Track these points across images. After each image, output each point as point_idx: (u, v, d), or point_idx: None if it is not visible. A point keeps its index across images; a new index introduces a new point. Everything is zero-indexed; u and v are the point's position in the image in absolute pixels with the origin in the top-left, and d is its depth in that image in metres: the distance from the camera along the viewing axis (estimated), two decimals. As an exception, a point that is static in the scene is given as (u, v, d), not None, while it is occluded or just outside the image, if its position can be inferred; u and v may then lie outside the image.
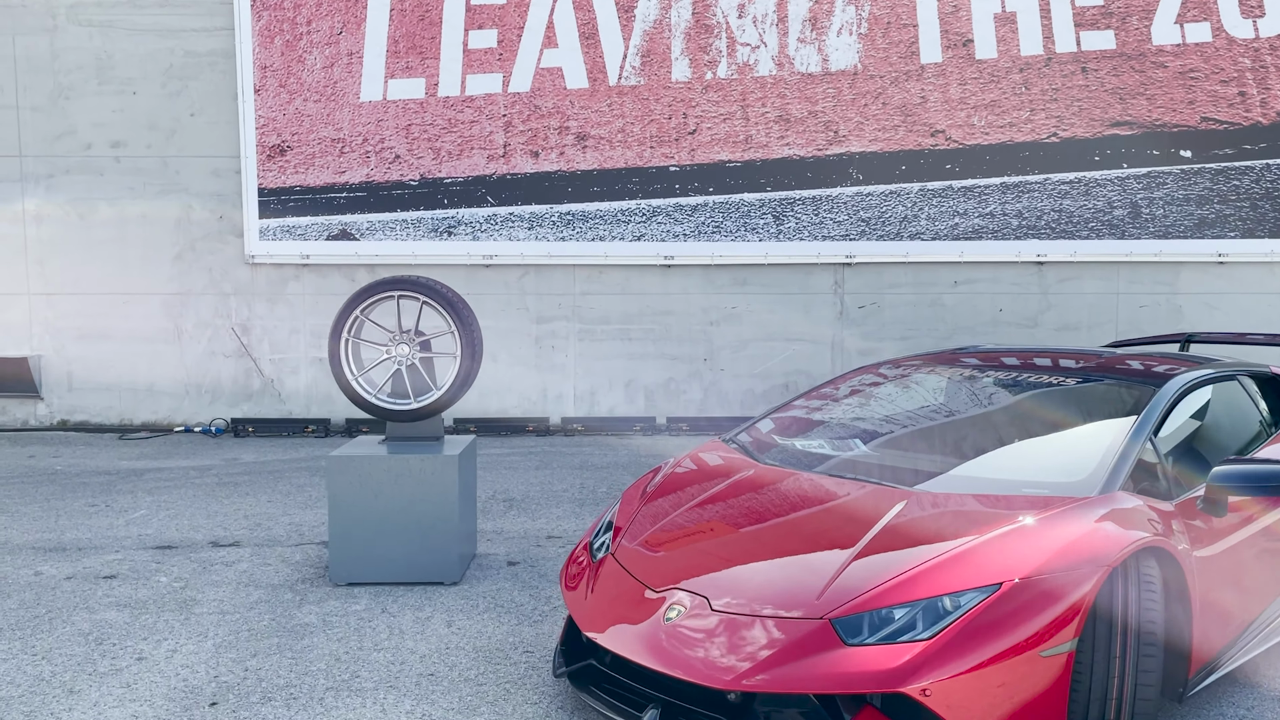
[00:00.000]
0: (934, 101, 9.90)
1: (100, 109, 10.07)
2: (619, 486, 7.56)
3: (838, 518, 3.48)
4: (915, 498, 3.45)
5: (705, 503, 3.81)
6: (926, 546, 3.16)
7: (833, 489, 3.68)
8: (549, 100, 10.01)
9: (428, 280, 5.41)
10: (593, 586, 3.66)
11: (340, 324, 5.35)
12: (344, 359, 5.37)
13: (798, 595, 3.11)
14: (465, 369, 5.36)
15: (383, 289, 5.35)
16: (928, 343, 10.18)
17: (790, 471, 3.90)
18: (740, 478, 3.92)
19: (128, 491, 7.51)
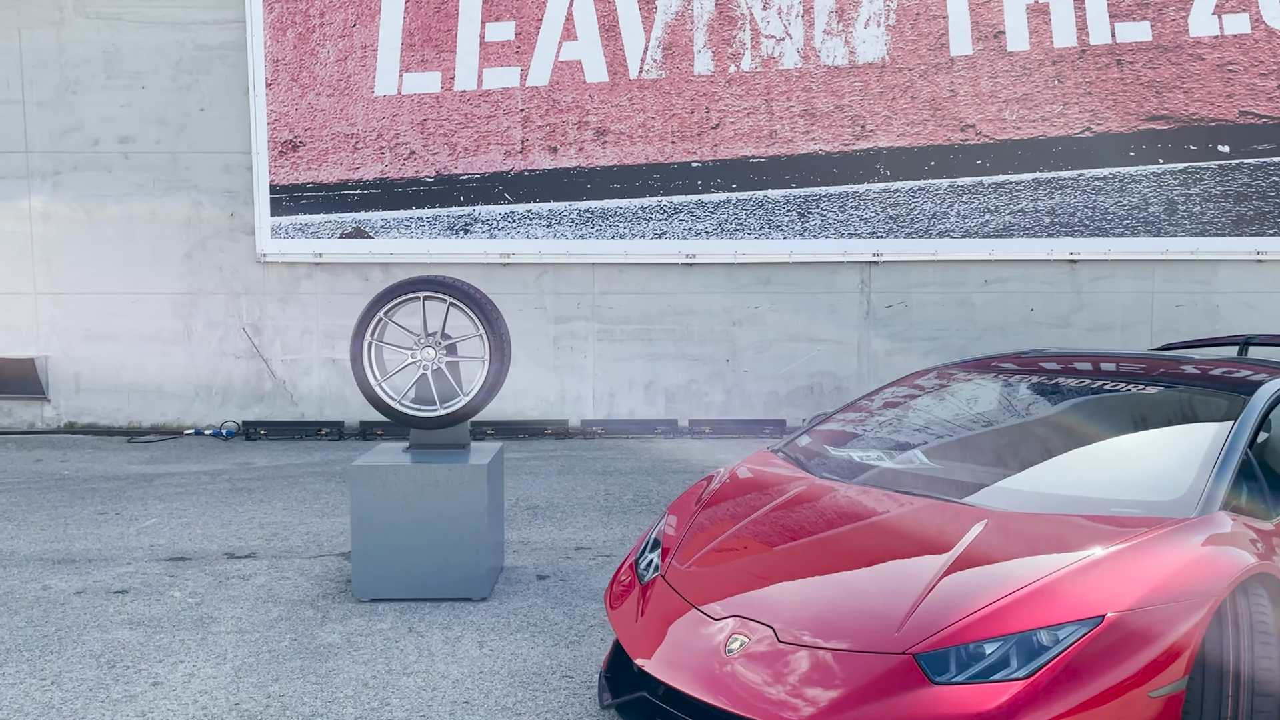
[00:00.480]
0: (964, 95, 9.63)
1: (108, 104, 9.83)
2: (645, 493, 7.30)
3: (911, 539, 3.22)
4: (995, 517, 3.19)
5: (761, 520, 3.55)
6: (1014, 573, 2.90)
7: (901, 506, 3.42)
8: (568, 94, 9.74)
9: (454, 280, 5.16)
10: (642, 610, 3.41)
11: (363, 326, 5.10)
12: (367, 362, 5.11)
13: (875, 626, 2.85)
14: (494, 374, 5.11)
15: (408, 289, 5.09)
16: (957, 343, 9.91)
17: (852, 486, 3.64)
18: (797, 492, 3.66)
19: (138, 498, 7.26)
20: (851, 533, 3.35)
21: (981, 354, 9.84)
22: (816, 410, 9.91)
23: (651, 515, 6.64)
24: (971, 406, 4.23)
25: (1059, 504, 3.26)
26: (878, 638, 2.81)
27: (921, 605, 2.87)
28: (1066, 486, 3.41)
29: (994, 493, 3.37)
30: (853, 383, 9.96)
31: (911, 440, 4.11)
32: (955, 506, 3.31)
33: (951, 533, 3.15)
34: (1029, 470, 3.54)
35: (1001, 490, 3.40)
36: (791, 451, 4.22)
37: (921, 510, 3.36)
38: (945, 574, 2.97)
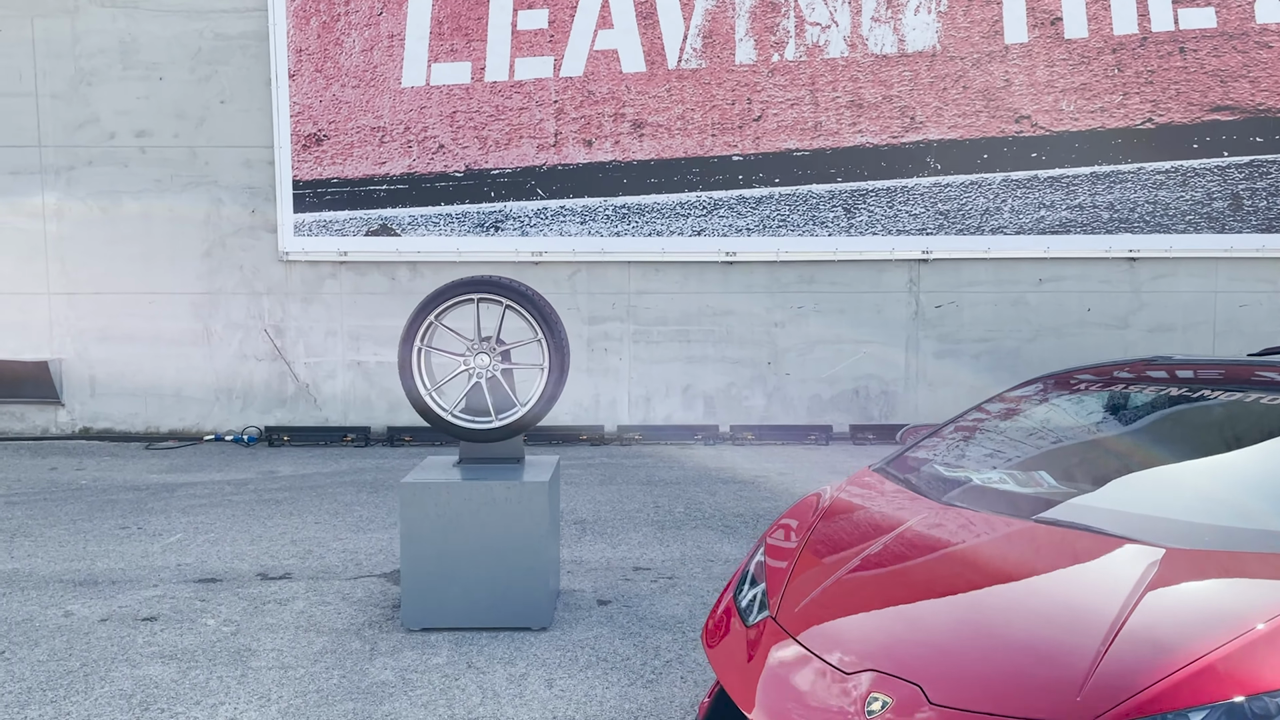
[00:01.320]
0: (1019, 85, 9.19)
1: (124, 96, 9.43)
2: (696, 506, 6.89)
3: (1071, 581, 2.80)
4: (1170, 555, 2.76)
5: (884, 554, 3.13)
6: (1209, 624, 2.48)
7: (1049, 540, 3.00)
8: (603, 85, 9.33)
9: (510, 280, 4.75)
10: (750, 654, 2.99)
11: (412, 330, 4.69)
12: (417, 370, 4.71)
13: (1047, 690, 2.43)
14: (553, 382, 4.70)
15: (461, 290, 4.68)
16: (1009, 345, 9.49)
17: (982, 515, 3.22)
18: (920, 521, 3.24)
19: (160, 511, 6.87)
20: (995, 570, 2.93)
21: (1036, 357, 9.46)
22: (862, 415, 9.50)
23: (707, 531, 6.23)
24: (1098, 421, 3.80)
25: (1247, 540, 2.83)
26: (1053, 706, 2.39)
27: (1102, 664, 2.44)
28: (1246, 517, 2.99)
29: (1158, 525, 2.95)
30: (900, 386, 9.54)
31: (1034, 460, 3.68)
32: (1116, 541, 2.89)
33: (1120, 574, 2.73)
34: (1194, 499, 3.13)
35: (1167, 522, 2.97)
36: (898, 472, 3.79)
37: (1075, 545, 2.94)
38: (1123, 624, 2.54)
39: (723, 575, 5.31)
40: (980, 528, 3.18)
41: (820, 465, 8.27)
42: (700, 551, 5.76)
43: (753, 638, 3.05)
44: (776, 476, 7.81)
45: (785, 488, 7.39)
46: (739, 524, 6.36)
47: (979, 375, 9.51)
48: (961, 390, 9.49)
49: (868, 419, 9.54)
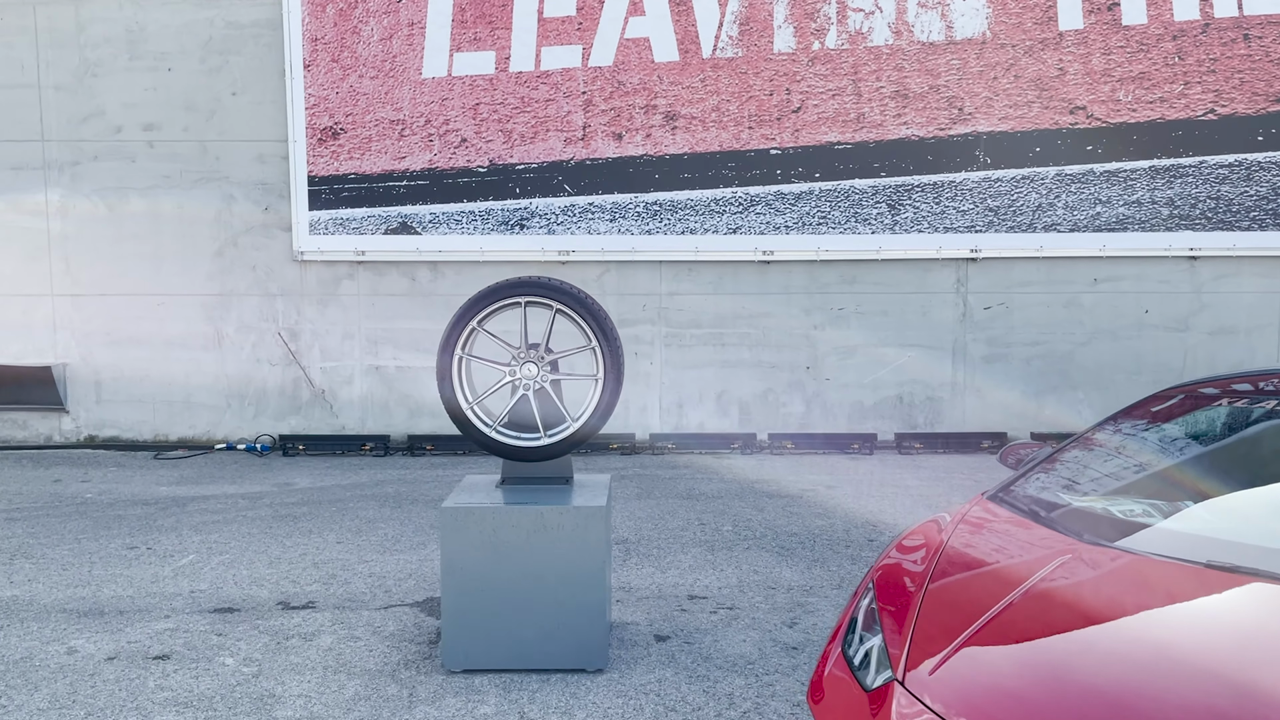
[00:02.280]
0: (1074, 74, 8.71)
1: (131, 87, 8.98)
2: (745, 524, 6.42)
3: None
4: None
5: (1030, 606, 2.65)
6: None
7: (1237, 591, 2.52)
8: (634, 75, 8.86)
9: (561, 283, 4.28)
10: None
11: (452, 337, 4.23)
12: (458, 381, 4.24)
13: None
14: (608, 395, 4.23)
15: (507, 293, 4.21)
16: (1063, 348, 9.00)
17: (1142, 558, 2.74)
18: (1064, 566, 2.77)
19: (170, 528, 6.41)
20: (1176, 628, 2.46)
21: (1090, 361, 8.97)
22: (906, 423, 9.02)
23: (762, 552, 5.76)
24: (1260, 443, 3.32)
25: None
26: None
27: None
28: None
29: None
30: (946, 392, 9.06)
31: (1183, 490, 3.20)
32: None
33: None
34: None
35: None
36: (1019, 502, 3.32)
37: (1274, 597, 2.46)
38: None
39: (787, 606, 4.84)
40: (1140, 572, 2.70)
41: (870, 479, 7.80)
42: (758, 577, 5.29)
43: (876, 706, 2.58)
44: (824, 491, 7.34)
45: (837, 504, 6.92)
46: (795, 545, 5.89)
47: (1030, 381, 9.03)
48: (1012, 396, 9.02)
49: (912, 427, 9.06)
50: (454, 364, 4.23)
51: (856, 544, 5.89)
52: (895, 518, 6.50)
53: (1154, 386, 9.04)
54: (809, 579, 5.24)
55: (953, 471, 7.98)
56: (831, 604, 4.85)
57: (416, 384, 9.16)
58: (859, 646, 2.83)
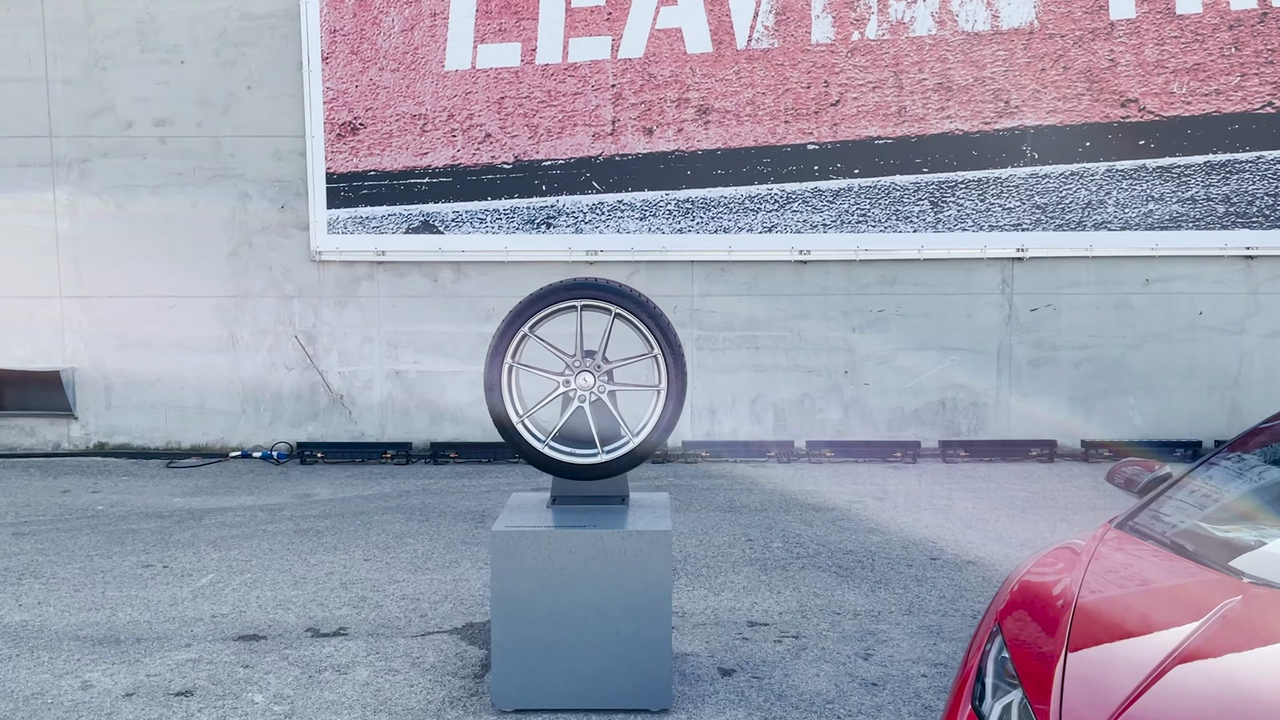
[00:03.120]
0: (1125, 65, 8.34)
1: (142, 81, 8.64)
2: (795, 540, 6.06)
3: None
4: None
5: (1200, 659, 2.29)
6: None
7: None
8: (666, 67, 8.50)
9: (621, 285, 3.93)
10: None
11: (502, 344, 3.87)
12: (508, 392, 3.89)
13: None
14: (672, 408, 3.88)
15: (561, 296, 3.86)
16: (1112, 352, 8.63)
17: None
18: (1234, 612, 2.40)
19: (187, 544, 6.07)
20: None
21: (1141, 365, 8.59)
22: (949, 430, 8.66)
23: (818, 572, 5.39)
24: None
25: None
26: None
27: None
28: None
29: None
30: (990, 398, 8.69)
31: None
32: None
33: None
34: None
35: None
36: (1159, 533, 2.95)
37: None
38: None
39: (857, 634, 4.48)
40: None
41: (919, 490, 7.44)
42: (820, 601, 4.92)
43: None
44: (873, 503, 6.98)
45: (889, 518, 6.56)
46: (853, 564, 5.53)
47: (1078, 385, 8.66)
48: (1059, 402, 8.66)
49: (954, 434, 8.69)
50: (503, 373, 3.88)
51: (918, 563, 5.53)
52: (955, 534, 6.14)
53: (1208, 391, 8.69)
54: (875, 603, 4.88)
55: (1004, 482, 7.61)
56: (905, 632, 4.49)
57: (438, 389, 8.81)
58: (993, 702, 2.47)
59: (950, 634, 4.46)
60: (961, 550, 5.77)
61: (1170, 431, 8.60)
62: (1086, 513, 6.64)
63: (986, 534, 6.12)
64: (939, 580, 5.21)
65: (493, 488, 7.54)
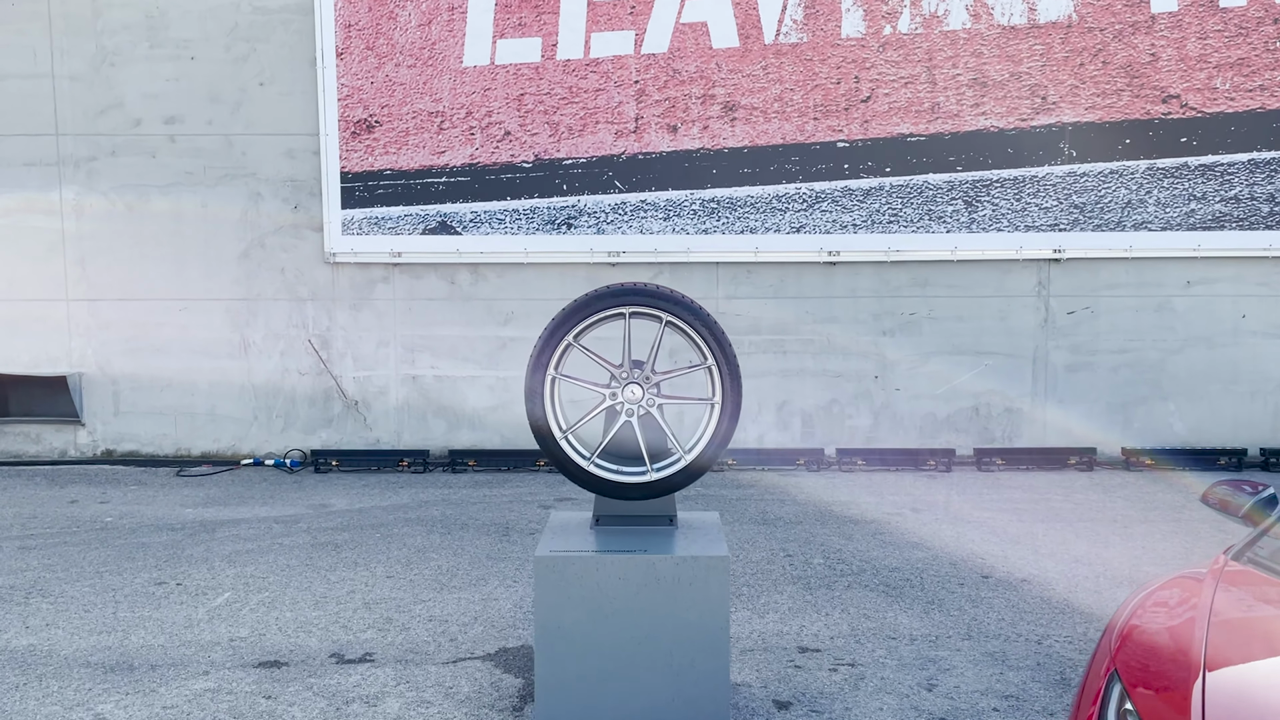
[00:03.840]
0: (1166, 60, 8.06)
1: (152, 78, 8.39)
2: (835, 555, 5.79)
3: None
4: None
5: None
6: None
7: None
8: (691, 63, 8.24)
9: (671, 291, 3.67)
10: None
11: (545, 353, 3.61)
12: (550, 405, 3.62)
13: None
14: (727, 422, 3.62)
15: (610, 302, 3.60)
16: (1152, 356, 8.36)
17: None
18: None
19: (200, 559, 5.81)
20: None
21: (1182, 370, 8.32)
22: (982, 437, 8.39)
23: (866, 592, 5.13)
24: None
25: None
26: None
27: None
28: None
29: None
30: (1026, 403, 8.42)
31: None
32: None
33: None
34: None
35: None
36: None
37: None
38: None
39: (916, 661, 4.21)
40: None
41: (958, 500, 7.17)
42: (872, 624, 4.66)
43: None
44: (912, 515, 6.71)
45: (931, 531, 6.29)
46: (901, 583, 5.26)
47: (1116, 391, 8.38)
48: (1097, 408, 8.38)
49: (988, 441, 8.42)
50: (546, 384, 3.61)
51: (970, 581, 5.26)
52: (1003, 549, 5.87)
53: (1251, 397, 8.41)
54: (930, 626, 4.61)
55: (1045, 493, 7.34)
56: (967, 659, 4.22)
57: (456, 394, 8.56)
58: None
59: (1016, 661, 4.20)
60: (1013, 567, 5.50)
61: (1213, 439, 8.32)
62: (1138, 526, 6.37)
63: (1036, 550, 5.85)
64: (995, 601, 4.94)
65: (514, 498, 7.28)
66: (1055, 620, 4.68)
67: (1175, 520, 6.50)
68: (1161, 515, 6.65)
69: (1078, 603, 4.92)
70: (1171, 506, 6.88)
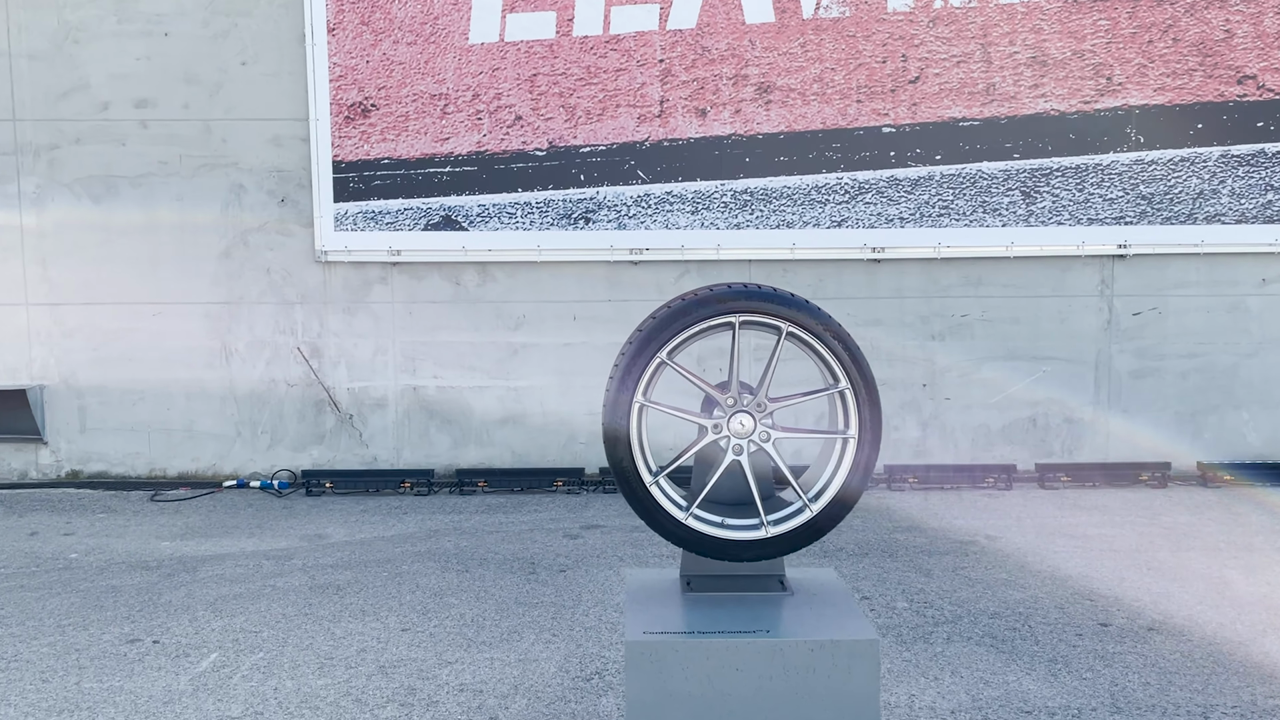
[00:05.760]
0: (1242, 36, 7.37)
1: (120, 56, 7.52)
2: (919, 596, 5.02)
3: None
4: None
5: None
6: None
7: None
8: (721, 39, 7.46)
9: (792, 295, 2.90)
10: None
11: (632, 375, 2.82)
12: (637, 440, 2.84)
13: None
14: (865, 460, 2.85)
15: (712, 310, 2.83)
16: (1225, 361, 7.66)
17: None
18: None
19: (180, 607, 4.98)
20: None
21: (1257, 375, 7.58)
22: (1040, 450, 7.68)
23: (971, 645, 4.36)
24: None
25: None
26: None
27: None
28: None
29: None
30: (1088, 413, 7.70)
31: None
32: None
33: None
34: None
35: None
36: None
37: None
38: None
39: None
40: None
41: (1034, 524, 6.44)
42: (995, 691, 3.89)
43: None
44: (988, 543, 5.96)
45: (1018, 563, 5.54)
46: (1008, 634, 4.50)
47: (1186, 399, 7.68)
48: (1164, 418, 7.68)
49: (1046, 454, 7.70)
50: (633, 414, 2.82)
51: (1088, 631, 4.51)
52: (1109, 587, 5.13)
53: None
54: (1065, 695, 3.85)
55: (1126, 515, 6.62)
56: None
57: (461, 407, 7.74)
58: None
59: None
60: (1130, 611, 4.76)
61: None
62: (1247, 555, 5.65)
63: (1147, 588, 5.11)
64: (1128, 658, 4.20)
65: (534, 525, 6.48)
66: (1211, 683, 3.94)
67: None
68: (1267, 540, 5.94)
69: (1226, 657, 4.18)
70: (1274, 530, 6.18)
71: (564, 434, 7.74)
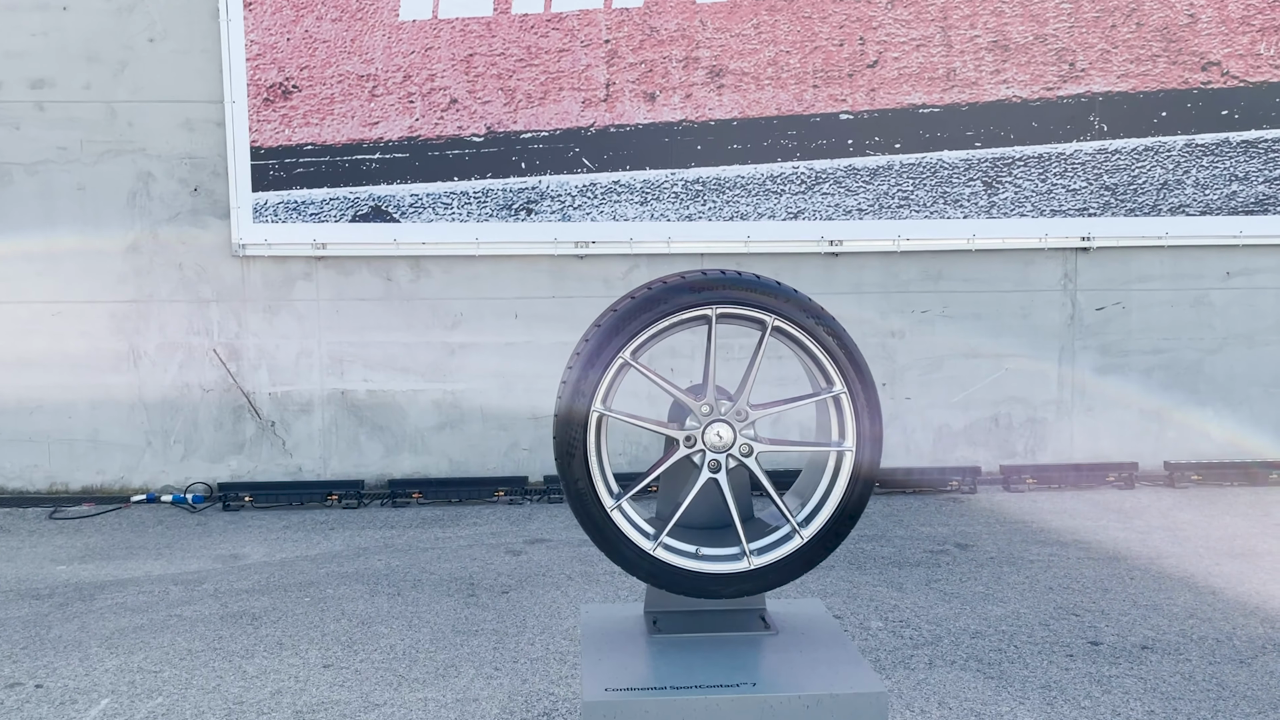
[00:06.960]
0: (1207, 22, 7.14)
1: (14, 31, 6.85)
2: (889, 610, 4.64)
3: None
4: None
5: None
6: None
7: None
8: (670, 19, 7.03)
9: (779, 283, 2.48)
10: None
11: (589, 379, 2.36)
12: (595, 454, 2.38)
13: None
14: (866, 471, 2.43)
15: (686, 301, 2.39)
16: (1189, 356, 7.44)
17: None
18: None
19: (72, 643, 4.39)
20: None
21: (1221, 371, 7.36)
22: (1003, 450, 7.38)
23: (950, 669, 3.98)
24: None
25: None
26: None
27: None
28: None
29: None
30: (1051, 411, 7.42)
31: None
32: None
33: None
34: None
35: None
36: None
37: None
38: None
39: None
40: None
41: (1004, 532, 6.11)
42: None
43: None
44: (959, 552, 5.61)
45: (994, 577, 5.19)
46: (993, 656, 4.13)
47: (1150, 395, 7.44)
48: (1129, 416, 7.43)
49: (1009, 455, 7.40)
50: (590, 426, 2.36)
51: (1079, 651, 4.15)
52: (1092, 599, 4.80)
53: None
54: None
55: (1098, 519, 6.33)
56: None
57: (395, 412, 7.20)
58: None
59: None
60: (1119, 628, 4.42)
61: (1253, 450, 7.42)
62: (1229, 562, 5.36)
63: (1133, 600, 4.79)
64: (1125, 681, 3.85)
65: (473, 540, 5.98)
66: (1219, 709, 3.60)
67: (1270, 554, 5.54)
68: (1245, 545, 5.67)
69: (1229, 679, 3.85)
70: (1250, 534, 5.92)
71: (506, 440, 7.25)
